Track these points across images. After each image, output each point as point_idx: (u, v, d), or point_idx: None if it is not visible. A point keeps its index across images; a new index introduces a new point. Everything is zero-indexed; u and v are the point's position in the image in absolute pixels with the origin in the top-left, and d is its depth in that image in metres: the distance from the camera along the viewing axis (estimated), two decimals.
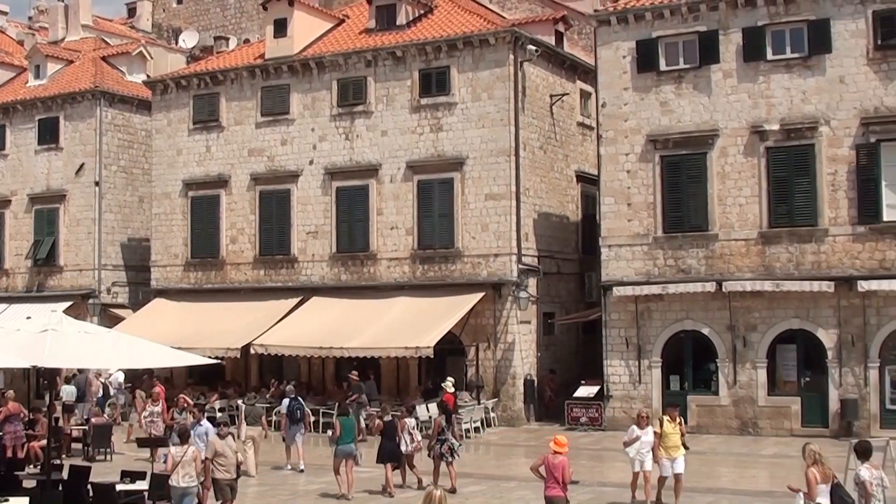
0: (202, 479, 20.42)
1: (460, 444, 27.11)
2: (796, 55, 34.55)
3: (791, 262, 34.38)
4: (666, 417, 23.52)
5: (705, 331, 35.59)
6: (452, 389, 31.72)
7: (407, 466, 26.04)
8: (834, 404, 33.78)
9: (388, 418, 26.19)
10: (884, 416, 33.33)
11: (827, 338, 33.99)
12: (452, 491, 24.47)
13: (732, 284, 34.66)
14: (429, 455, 25.77)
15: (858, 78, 33.66)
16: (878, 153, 33.31)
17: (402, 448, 25.65)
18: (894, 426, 32.33)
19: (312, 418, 35.37)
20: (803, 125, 34.27)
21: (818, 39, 34.13)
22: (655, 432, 23.10)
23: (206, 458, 20.15)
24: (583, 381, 38.56)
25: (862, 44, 33.63)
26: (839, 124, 33.86)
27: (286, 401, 30.38)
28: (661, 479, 23.28)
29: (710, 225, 35.46)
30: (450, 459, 25.37)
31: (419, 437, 26.31)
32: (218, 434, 20.92)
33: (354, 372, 38.22)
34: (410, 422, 26.23)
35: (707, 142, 35.59)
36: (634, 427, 23.40)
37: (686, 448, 23.66)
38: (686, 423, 34.88)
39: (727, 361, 35.17)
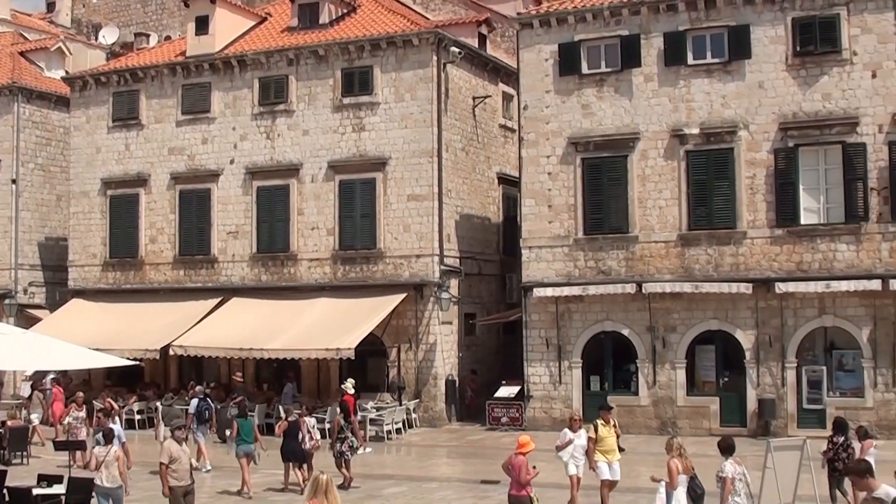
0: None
1: (362, 445, 27.66)
2: (717, 60, 34.78)
3: (710, 263, 34.58)
4: (600, 421, 22.82)
5: (625, 332, 35.70)
6: (352, 391, 31.57)
7: (306, 465, 26.08)
8: (752, 404, 34.06)
9: (292, 418, 26.19)
10: (801, 415, 33.63)
11: (745, 338, 34.25)
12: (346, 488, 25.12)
13: (652, 286, 34.77)
14: (333, 455, 26.17)
15: (777, 83, 33.99)
16: (795, 157, 33.65)
17: (305, 446, 25.84)
18: (811, 426, 32.64)
19: None
20: (723, 129, 34.51)
21: (738, 45, 34.39)
22: (590, 437, 22.47)
23: (162, 464, 19.57)
24: (504, 382, 38.46)
25: (781, 50, 33.97)
26: (758, 129, 34.15)
27: (195, 401, 30.49)
28: (605, 483, 22.59)
29: (630, 227, 35.56)
30: (348, 457, 25.79)
31: (318, 437, 26.58)
32: (173, 437, 19.98)
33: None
34: (310, 421, 26.47)
35: (628, 145, 35.67)
36: (567, 430, 22.70)
37: (622, 450, 23.28)
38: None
39: (647, 362, 35.30)
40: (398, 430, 36.13)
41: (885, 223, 32.81)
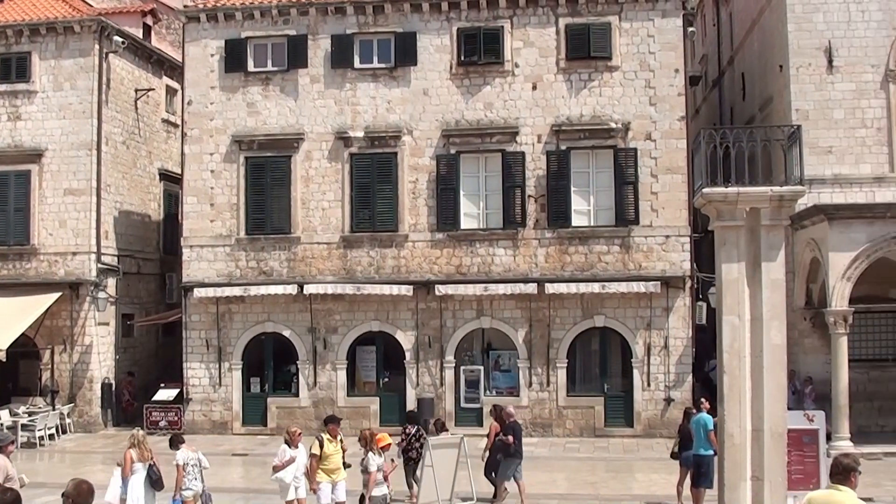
0: None
1: None
2: (383, 65, 34.24)
3: (372, 266, 33.88)
4: (326, 436, 19.48)
5: (286, 333, 34.45)
6: None
7: None
8: (411, 403, 33.50)
9: None
10: (458, 413, 33.49)
11: (406, 339, 33.81)
12: None
13: (314, 287, 33.73)
14: None
15: (441, 91, 33.80)
16: (457, 164, 33.47)
17: None
18: (468, 423, 32.68)
19: None
20: (387, 134, 33.92)
21: (405, 51, 33.98)
22: (312, 454, 19.43)
23: None
24: (162, 385, 36.36)
25: (446, 59, 33.82)
26: (421, 134, 33.76)
27: None
28: None
29: (292, 228, 34.32)
30: None
31: None
32: (2, 453, 16.98)
33: None
34: None
35: (292, 145, 34.43)
36: (285, 447, 19.53)
37: (347, 466, 20.03)
38: (266, 425, 33.91)
39: (308, 363, 34.23)
40: (51, 436, 33.49)
41: (541, 229, 33.07)
